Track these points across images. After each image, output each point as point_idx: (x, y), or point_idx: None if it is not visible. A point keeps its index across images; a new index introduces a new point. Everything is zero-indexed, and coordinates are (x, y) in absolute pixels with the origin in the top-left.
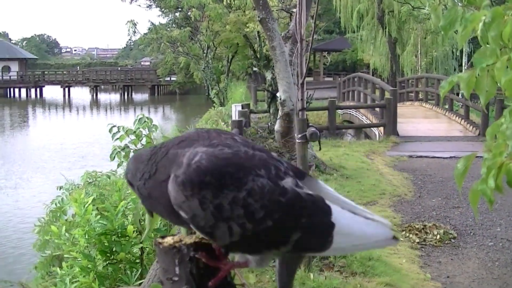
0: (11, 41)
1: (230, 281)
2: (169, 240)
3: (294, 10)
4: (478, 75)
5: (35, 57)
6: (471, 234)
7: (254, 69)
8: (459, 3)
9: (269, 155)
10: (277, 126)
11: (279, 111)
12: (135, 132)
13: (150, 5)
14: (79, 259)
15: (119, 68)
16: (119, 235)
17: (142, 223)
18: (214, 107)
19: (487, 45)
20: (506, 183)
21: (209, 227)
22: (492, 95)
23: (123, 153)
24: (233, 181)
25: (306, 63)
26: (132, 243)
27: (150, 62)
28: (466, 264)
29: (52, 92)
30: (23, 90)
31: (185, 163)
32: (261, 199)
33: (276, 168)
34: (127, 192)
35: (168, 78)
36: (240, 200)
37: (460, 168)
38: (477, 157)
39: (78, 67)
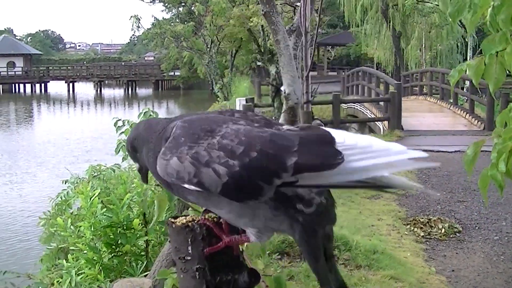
0: (16, 37)
1: (242, 261)
2: (181, 220)
3: (298, 4)
4: (487, 62)
5: (40, 52)
6: (476, 228)
7: (258, 63)
8: None
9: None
10: (281, 120)
11: (284, 105)
12: None
13: (153, 0)
14: (85, 251)
15: (123, 63)
16: (125, 228)
17: (147, 215)
18: (218, 101)
19: (496, 32)
20: None
21: (194, 176)
22: (501, 82)
23: None
24: (205, 132)
25: (311, 56)
26: (137, 235)
27: (154, 57)
28: (471, 258)
29: (57, 88)
30: (28, 86)
31: (166, 138)
32: (237, 138)
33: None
34: (132, 185)
35: (172, 73)
36: (215, 144)
37: (470, 154)
38: (482, 151)
39: (84, 62)
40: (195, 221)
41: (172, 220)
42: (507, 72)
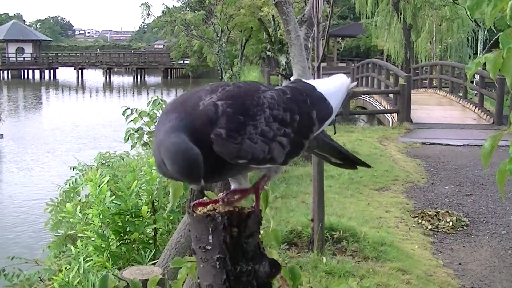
0: (25, 23)
1: (263, 251)
2: (202, 209)
3: None
4: (505, 55)
5: (49, 39)
6: (484, 222)
7: (268, 53)
8: None
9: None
10: None
11: None
12: (148, 114)
13: None
14: (93, 238)
15: (132, 51)
16: (133, 216)
17: (156, 204)
18: None
19: None
20: None
21: (268, 153)
22: None
23: (136, 135)
24: (255, 107)
25: (322, 47)
26: (146, 223)
27: (164, 45)
28: (478, 251)
29: (66, 74)
30: (37, 72)
31: (214, 118)
32: (279, 106)
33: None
34: (141, 173)
35: (181, 62)
36: (269, 117)
37: (487, 147)
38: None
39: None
40: (216, 211)
41: (193, 208)
42: None
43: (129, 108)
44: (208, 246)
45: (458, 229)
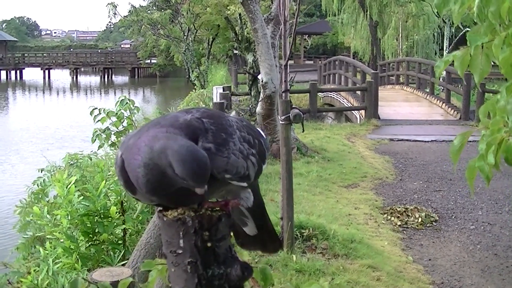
0: None
1: (234, 254)
2: (173, 212)
3: None
4: (472, 53)
5: (15, 39)
6: (453, 217)
7: (235, 51)
8: None
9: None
10: (258, 109)
11: (261, 93)
12: (116, 114)
13: None
14: (62, 240)
15: (99, 51)
16: (102, 216)
17: (125, 204)
18: (195, 89)
19: (483, 23)
20: (504, 159)
21: (246, 169)
22: (486, 73)
23: (104, 135)
24: (229, 127)
25: (289, 45)
26: (115, 224)
27: (131, 44)
28: (447, 247)
29: (32, 75)
30: (3, 73)
31: (200, 132)
32: (244, 128)
33: None
34: (109, 173)
35: (149, 61)
36: (241, 137)
37: (456, 144)
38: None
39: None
40: (186, 214)
41: (164, 212)
42: (492, 63)
43: (96, 108)
44: (179, 250)
45: (427, 225)
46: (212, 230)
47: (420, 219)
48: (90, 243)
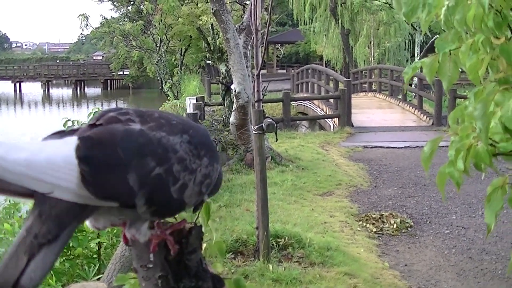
0: None
1: (205, 267)
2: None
3: (248, 2)
4: (441, 60)
5: None
6: (427, 222)
7: (208, 62)
8: None
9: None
10: (232, 119)
11: (234, 103)
12: None
13: None
14: None
15: (71, 63)
16: (76, 230)
17: None
18: (169, 100)
19: (450, 30)
20: (473, 165)
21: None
22: (454, 79)
23: None
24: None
25: (261, 55)
26: (89, 238)
27: (103, 56)
28: (423, 252)
29: (3, 88)
30: None
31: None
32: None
33: None
34: None
35: (121, 72)
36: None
37: (427, 151)
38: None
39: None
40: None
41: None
42: (460, 69)
43: (70, 120)
44: (149, 265)
45: (403, 231)
46: (183, 243)
47: (395, 225)
48: (64, 258)
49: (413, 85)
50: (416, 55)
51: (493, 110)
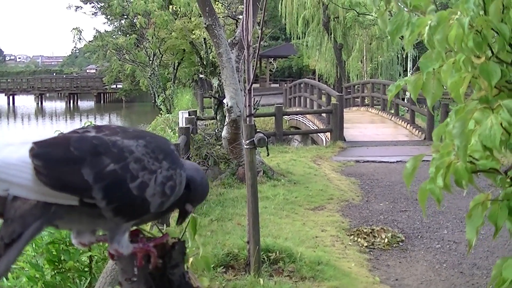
0: None
1: (188, 281)
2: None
3: (240, 17)
4: (425, 78)
5: None
6: (419, 237)
7: (201, 76)
8: (405, 9)
9: None
10: (224, 133)
11: (226, 117)
12: None
13: (95, 13)
14: (27, 269)
15: (64, 76)
16: (67, 244)
17: None
18: (161, 114)
19: (433, 49)
20: (454, 182)
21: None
22: (438, 97)
23: None
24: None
25: (253, 69)
26: (81, 251)
27: (96, 69)
28: (414, 266)
29: None
30: None
31: None
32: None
33: None
34: None
35: (114, 86)
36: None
37: (409, 167)
38: (423, 160)
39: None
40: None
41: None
42: (444, 87)
43: (62, 133)
44: (133, 278)
45: (394, 245)
46: (166, 258)
47: (386, 240)
48: (55, 271)
49: (405, 100)
50: (408, 69)
51: (473, 128)
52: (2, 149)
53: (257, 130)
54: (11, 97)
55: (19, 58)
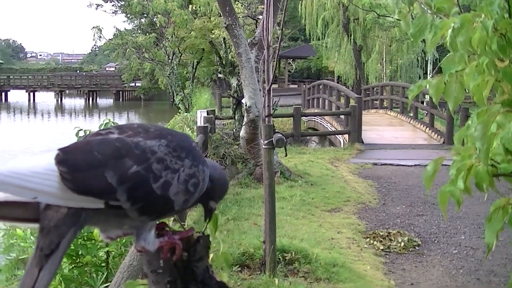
0: None
1: (212, 274)
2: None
3: (260, 17)
4: (447, 81)
5: (0, 61)
6: (435, 241)
7: (219, 75)
8: (428, 11)
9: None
10: (242, 133)
11: (245, 117)
12: None
13: (115, 11)
14: None
15: (84, 74)
16: (85, 239)
17: None
18: (180, 113)
19: (456, 52)
20: (475, 185)
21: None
22: (460, 100)
23: None
24: None
25: (272, 69)
26: (98, 246)
27: (115, 67)
28: (430, 271)
29: (17, 97)
30: None
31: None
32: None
33: None
34: None
35: (133, 84)
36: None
37: (430, 170)
38: (442, 165)
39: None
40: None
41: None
42: (466, 90)
43: (82, 130)
44: (159, 270)
45: (410, 249)
46: (191, 251)
47: (402, 244)
48: (73, 266)
49: (424, 103)
50: (428, 72)
51: (495, 131)
52: (28, 158)
53: (276, 130)
54: (31, 94)
55: (40, 55)
